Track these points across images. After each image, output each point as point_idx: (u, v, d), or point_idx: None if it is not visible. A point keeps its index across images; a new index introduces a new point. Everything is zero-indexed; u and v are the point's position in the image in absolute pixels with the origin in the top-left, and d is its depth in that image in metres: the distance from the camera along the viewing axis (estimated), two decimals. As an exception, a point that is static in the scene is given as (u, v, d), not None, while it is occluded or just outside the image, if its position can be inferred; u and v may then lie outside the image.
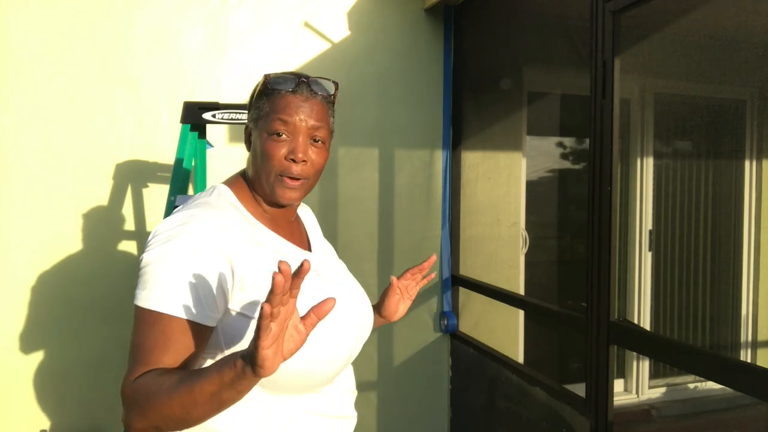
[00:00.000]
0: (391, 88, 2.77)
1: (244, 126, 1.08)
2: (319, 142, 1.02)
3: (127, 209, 2.48)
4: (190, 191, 2.44)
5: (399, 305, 1.33)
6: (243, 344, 0.93)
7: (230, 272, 0.91)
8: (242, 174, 1.09)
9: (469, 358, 2.67)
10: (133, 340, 0.91)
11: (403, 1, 2.77)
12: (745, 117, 3.37)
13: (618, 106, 1.73)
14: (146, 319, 0.89)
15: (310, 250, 1.14)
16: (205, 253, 0.90)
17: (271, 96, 1.01)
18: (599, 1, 1.74)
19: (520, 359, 2.92)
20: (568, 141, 3.43)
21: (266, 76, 1.02)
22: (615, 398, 1.78)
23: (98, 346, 2.44)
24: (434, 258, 1.26)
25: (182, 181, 2.05)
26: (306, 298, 0.94)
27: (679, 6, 2.55)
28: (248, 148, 1.08)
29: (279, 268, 0.71)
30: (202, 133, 2.20)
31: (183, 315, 0.87)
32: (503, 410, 2.39)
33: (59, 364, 2.41)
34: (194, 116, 2.04)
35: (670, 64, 3.13)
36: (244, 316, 0.93)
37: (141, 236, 2.49)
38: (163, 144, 2.49)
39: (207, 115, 2.03)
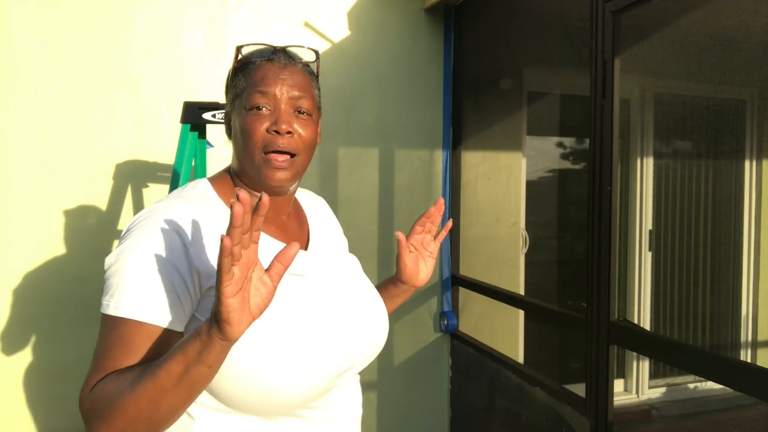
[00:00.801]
0: (391, 88, 2.77)
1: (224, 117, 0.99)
2: (305, 114, 0.91)
3: (127, 209, 2.48)
4: (190, 191, 2.44)
5: (418, 264, 1.15)
6: None
7: (191, 271, 0.82)
8: (227, 170, 1.00)
9: (469, 358, 2.67)
10: (94, 350, 0.83)
11: (403, 1, 2.77)
12: (745, 117, 3.37)
13: (618, 106, 1.73)
14: (107, 324, 0.81)
15: (305, 249, 1.01)
16: (160, 250, 0.81)
17: (246, 70, 0.91)
18: (599, 1, 1.74)
19: (520, 359, 2.92)
20: (568, 141, 3.43)
21: (238, 48, 0.92)
22: (615, 398, 1.78)
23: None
24: (441, 201, 1.11)
25: (182, 180, 2.04)
26: (287, 302, 0.86)
27: (679, 6, 2.55)
28: (229, 136, 0.97)
29: (237, 197, 0.64)
30: (202, 133, 2.20)
31: (143, 319, 0.79)
32: (503, 410, 2.39)
33: (59, 364, 2.41)
34: (194, 116, 2.04)
35: (670, 64, 3.13)
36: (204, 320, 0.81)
37: (141, 236, 2.49)
38: (163, 144, 2.49)
39: (207, 115, 2.03)
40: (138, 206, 2.49)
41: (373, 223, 2.76)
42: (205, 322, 0.70)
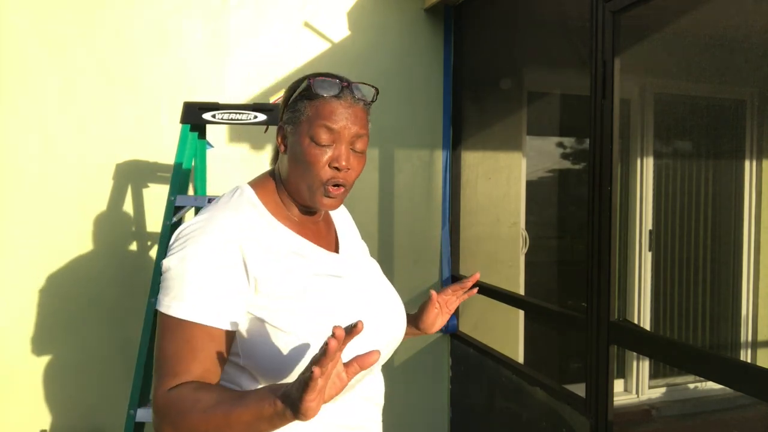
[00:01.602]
0: (391, 88, 2.77)
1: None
2: (360, 150, 1.00)
3: (128, 209, 2.48)
4: (190, 191, 2.45)
5: (437, 319, 1.27)
6: (258, 349, 0.92)
7: (245, 275, 0.91)
8: (270, 174, 1.07)
9: (469, 358, 2.67)
10: (158, 348, 0.90)
11: (403, 1, 2.77)
12: (745, 117, 3.37)
13: (618, 106, 1.73)
14: (170, 326, 0.88)
15: (337, 251, 1.09)
16: (221, 257, 0.90)
17: (314, 100, 0.97)
18: (599, 1, 1.74)
19: (520, 359, 2.92)
20: (568, 141, 3.43)
21: (310, 79, 0.98)
22: (615, 398, 1.78)
23: (99, 346, 2.44)
24: (478, 275, 1.24)
25: (182, 181, 2.05)
26: (328, 303, 0.95)
27: (679, 6, 2.55)
28: (283, 149, 1.03)
29: (333, 333, 0.69)
30: (202, 134, 2.20)
31: (206, 322, 0.88)
32: (503, 410, 2.39)
33: (59, 363, 2.41)
34: (194, 116, 2.04)
35: (670, 64, 3.13)
36: (258, 320, 0.91)
37: (141, 236, 2.49)
38: (163, 144, 2.49)
39: (207, 116, 2.03)
40: (138, 206, 2.49)
41: (373, 224, 2.76)
42: (282, 398, 0.75)
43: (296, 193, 1.01)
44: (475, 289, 1.29)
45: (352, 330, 0.73)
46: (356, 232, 1.24)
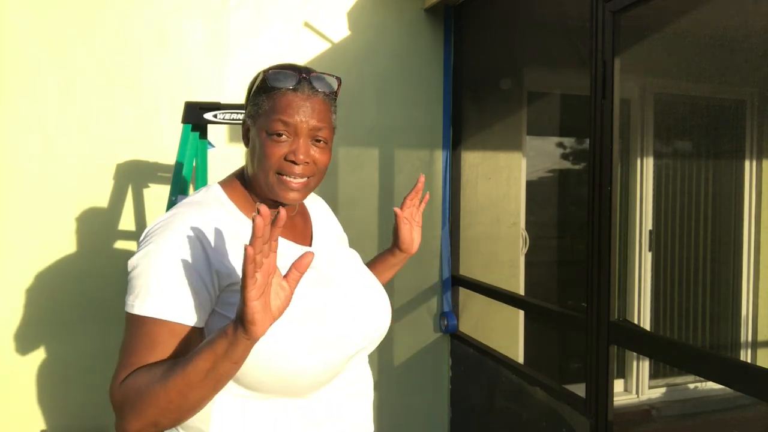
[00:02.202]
0: (391, 88, 2.77)
1: (241, 121, 1.04)
2: (321, 142, 0.98)
3: (128, 209, 2.48)
4: (191, 191, 2.45)
5: (413, 234, 1.32)
6: None
7: (208, 271, 0.89)
8: (239, 172, 1.07)
9: (469, 358, 2.67)
10: (121, 346, 0.89)
11: (403, 1, 2.77)
12: (745, 117, 3.37)
13: (618, 106, 1.73)
14: (133, 323, 0.87)
15: (310, 245, 1.09)
16: (183, 253, 0.88)
17: (270, 93, 0.96)
18: (599, 1, 1.74)
19: (520, 359, 2.92)
20: (568, 141, 3.43)
21: (265, 72, 0.97)
22: (615, 398, 1.78)
23: (99, 346, 2.44)
24: (423, 178, 1.26)
25: (183, 181, 2.05)
26: (302, 294, 0.92)
27: (679, 6, 2.55)
28: (246, 144, 1.04)
29: (258, 210, 0.71)
30: (203, 134, 2.20)
31: (167, 317, 0.86)
32: (503, 410, 2.40)
33: (59, 363, 2.41)
34: (195, 116, 2.04)
35: (670, 64, 3.13)
36: (224, 317, 0.90)
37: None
38: (163, 144, 2.49)
39: (208, 116, 2.03)
40: (138, 206, 2.49)
41: (373, 223, 2.76)
42: (231, 323, 0.77)
43: (260, 188, 1.00)
44: (428, 195, 1.32)
45: (276, 220, 0.73)
46: (335, 223, 1.25)
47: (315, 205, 1.22)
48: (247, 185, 1.03)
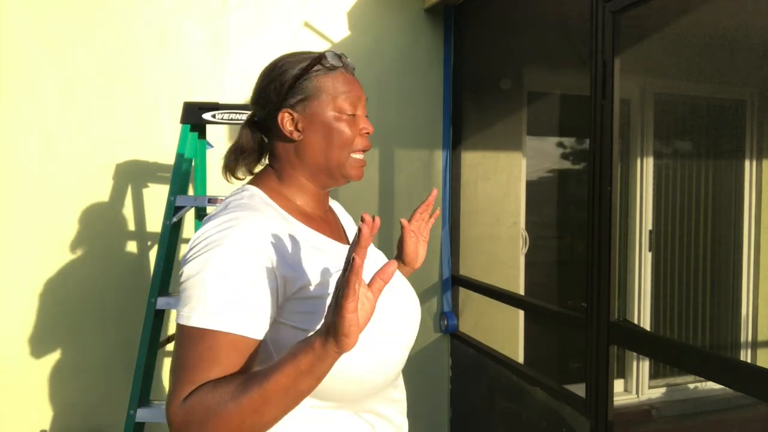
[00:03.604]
0: (391, 88, 2.77)
1: (251, 117, 1.02)
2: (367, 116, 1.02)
3: (128, 209, 2.48)
4: (190, 191, 2.45)
5: (418, 248, 1.28)
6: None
7: (276, 280, 0.84)
8: (267, 172, 1.02)
9: (469, 358, 2.67)
10: (176, 361, 0.80)
11: (403, 1, 2.77)
12: (745, 117, 3.37)
13: (618, 106, 1.73)
14: (191, 336, 0.79)
15: (347, 242, 1.07)
16: (248, 261, 0.81)
17: (330, 73, 0.97)
18: (599, 1, 1.74)
19: (520, 359, 2.92)
20: (568, 141, 3.43)
21: (321, 55, 0.98)
22: (615, 398, 1.78)
23: (98, 346, 2.44)
24: (435, 192, 1.23)
25: (182, 181, 2.05)
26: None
27: (679, 6, 2.55)
28: (296, 136, 0.97)
29: (362, 219, 0.69)
30: (202, 134, 2.20)
31: (231, 330, 0.78)
32: (503, 410, 2.39)
33: (59, 363, 2.41)
34: (194, 116, 2.04)
35: (670, 64, 3.13)
36: (285, 326, 0.86)
37: (141, 236, 2.49)
38: (163, 144, 2.49)
39: (207, 116, 2.03)
40: (138, 206, 2.49)
41: (373, 223, 2.76)
42: (317, 336, 0.72)
43: (318, 175, 0.98)
44: (438, 210, 1.31)
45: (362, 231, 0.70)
46: (353, 227, 1.22)
47: (334, 204, 1.19)
48: (282, 184, 0.99)
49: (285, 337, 0.85)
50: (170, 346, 2.40)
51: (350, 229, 1.15)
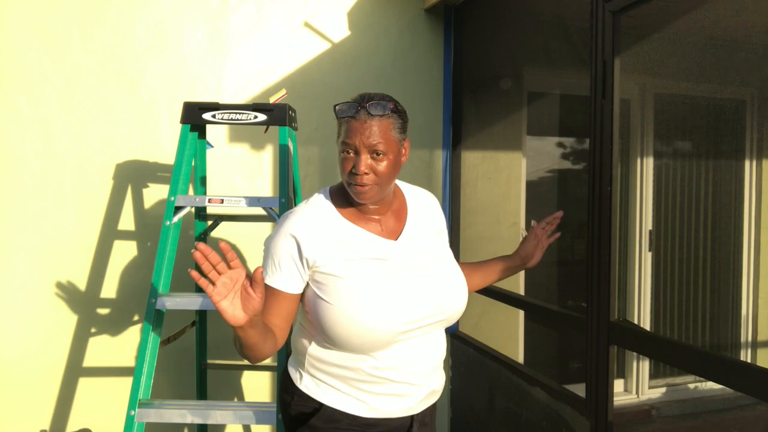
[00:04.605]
0: (391, 88, 2.77)
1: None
2: (380, 155, 1.25)
3: (127, 209, 2.48)
4: (190, 191, 2.44)
5: (537, 250, 1.64)
6: (313, 312, 1.28)
7: (302, 259, 1.26)
8: None
9: (469, 358, 2.67)
10: None
11: (403, 1, 2.77)
12: (745, 117, 3.37)
13: (618, 106, 1.72)
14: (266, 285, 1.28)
15: (396, 239, 1.35)
16: (285, 245, 1.27)
17: (340, 121, 1.28)
18: (599, 1, 1.74)
19: (520, 359, 2.92)
20: (568, 141, 3.43)
21: (334, 108, 1.27)
22: (615, 398, 1.78)
23: (98, 346, 2.44)
24: (561, 214, 1.63)
25: (182, 181, 2.04)
26: (364, 281, 1.25)
27: (679, 6, 2.55)
28: None
29: (195, 247, 1.03)
30: (202, 134, 2.20)
31: (276, 287, 1.27)
32: (503, 410, 2.39)
33: (59, 363, 2.41)
34: (194, 116, 2.04)
35: (670, 64, 3.13)
36: (313, 291, 1.29)
37: (141, 236, 2.49)
38: (163, 144, 2.49)
39: (207, 116, 2.03)
40: (137, 205, 2.49)
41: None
42: None
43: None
44: (558, 234, 1.67)
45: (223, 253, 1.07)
46: (433, 220, 1.45)
47: (418, 202, 1.46)
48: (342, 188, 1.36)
49: (309, 295, 1.30)
50: (171, 346, 2.40)
51: (418, 227, 1.40)
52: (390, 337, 1.25)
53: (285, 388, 1.41)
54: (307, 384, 1.34)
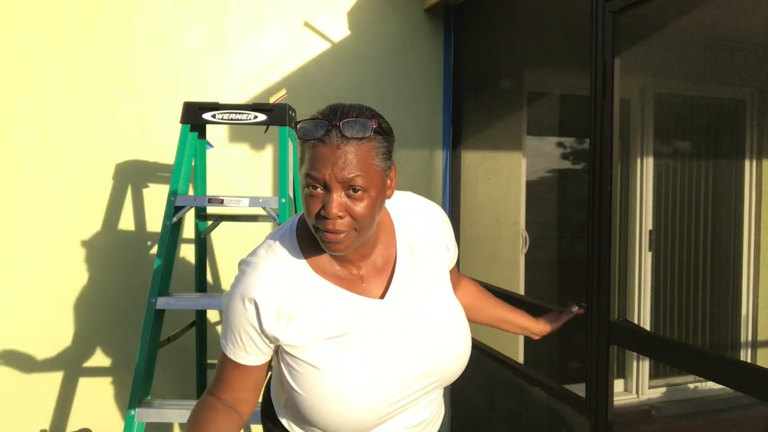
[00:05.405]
0: (391, 88, 2.77)
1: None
2: (359, 191, 0.90)
3: (127, 209, 2.48)
4: (190, 191, 2.45)
5: (555, 327, 1.65)
6: (287, 387, 1.03)
7: (260, 336, 1.00)
8: None
9: (469, 357, 2.67)
10: (217, 365, 1.11)
11: (403, 1, 2.77)
12: (745, 117, 3.37)
13: (618, 106, 1.72)
14: (220, 355, 1.07)
15: (385, 293, 1.04)
16: (249, 312, 0.97)
17: (303, 144, 0.92)
18: (599, 1, 1.74)
19: (520, 359, 2.91)
20: (568, 141, 3.43)
21: (295, 125, 0.92)
22: (615, 398, 1.78)
23: (98, 346, 2.44)
24: (582, 312, 1.72)
25: (182, 181, 2.05)
26: (346, 368, 0.98)
27: (679, 6, 2.55)
28: None
29: None
30: (202, 134, 2.20)
31: (241, 361, 1.02)
32: (503, 410, 2.39)
33: (60, 363, 2.41)
34: (194, 116, 2.04)
35: (670, 64, 3.13)
36: (283, 368, 1.03)
37: (141, 236, 2.49)
38: (163, 144, 2.49)
39: (207, 116, 2.03)
40: (138, 206, 2.49)
41: (373, 223, 2.76)
42: None
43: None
44: (582, 310, 1.77)
45: None
46: (435, 254, 1.13)
47: (410, 224, 1.11)
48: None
49: (279, 369, 1.06)
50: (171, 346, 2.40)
51: (412, 274, 1.09)
52: (373, 421, 1.02)
53: (266, 412, 1.19)
54: (289, 422, 1.13)
